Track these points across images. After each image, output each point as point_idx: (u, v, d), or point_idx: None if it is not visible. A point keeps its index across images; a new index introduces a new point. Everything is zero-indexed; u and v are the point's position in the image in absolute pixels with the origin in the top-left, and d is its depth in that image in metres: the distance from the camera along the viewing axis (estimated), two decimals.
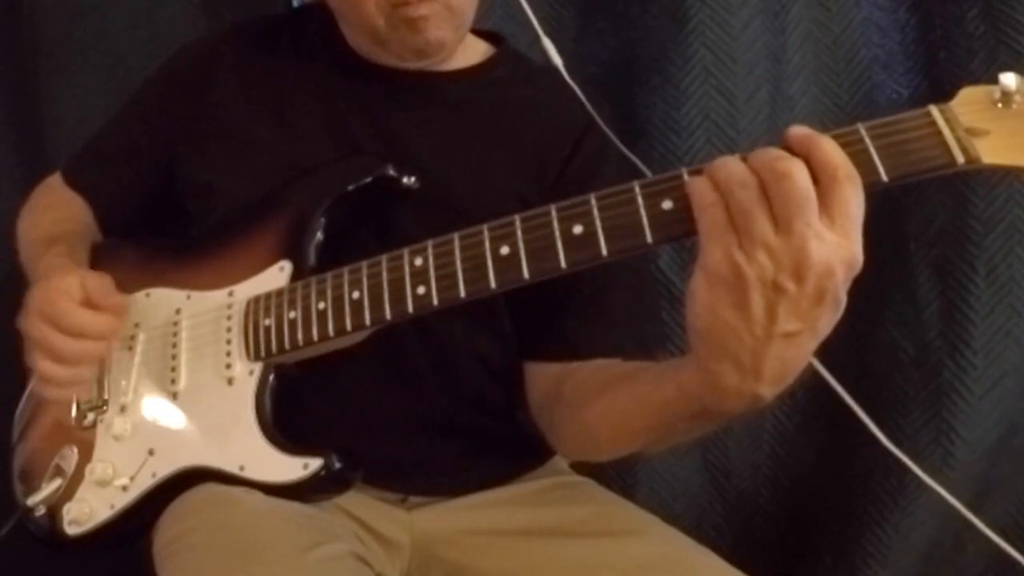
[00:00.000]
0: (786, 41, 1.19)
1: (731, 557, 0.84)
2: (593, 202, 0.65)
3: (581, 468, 1.04)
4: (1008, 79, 0.58)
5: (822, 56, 1.21)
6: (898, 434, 1.16)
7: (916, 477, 1.15)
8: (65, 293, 0.85)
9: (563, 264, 0.66)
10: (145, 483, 0.86)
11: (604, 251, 0.64)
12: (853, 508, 1.21)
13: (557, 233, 0.66)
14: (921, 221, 1.16)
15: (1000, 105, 0.59)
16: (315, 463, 0.79)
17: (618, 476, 1.23)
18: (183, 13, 1.29)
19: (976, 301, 1.13)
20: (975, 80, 0.61)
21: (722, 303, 0.57)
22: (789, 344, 0.57)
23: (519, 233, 0.68)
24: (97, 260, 1.01)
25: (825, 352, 0.63)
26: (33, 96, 1.32)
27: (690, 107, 1.17)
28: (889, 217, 1.18)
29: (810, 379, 1.22)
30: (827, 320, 0.58)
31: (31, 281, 0.97)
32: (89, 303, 0.86)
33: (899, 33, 1.20)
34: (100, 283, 0.87)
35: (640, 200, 0.62)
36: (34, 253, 0.99)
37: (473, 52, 0.99)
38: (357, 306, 0.78)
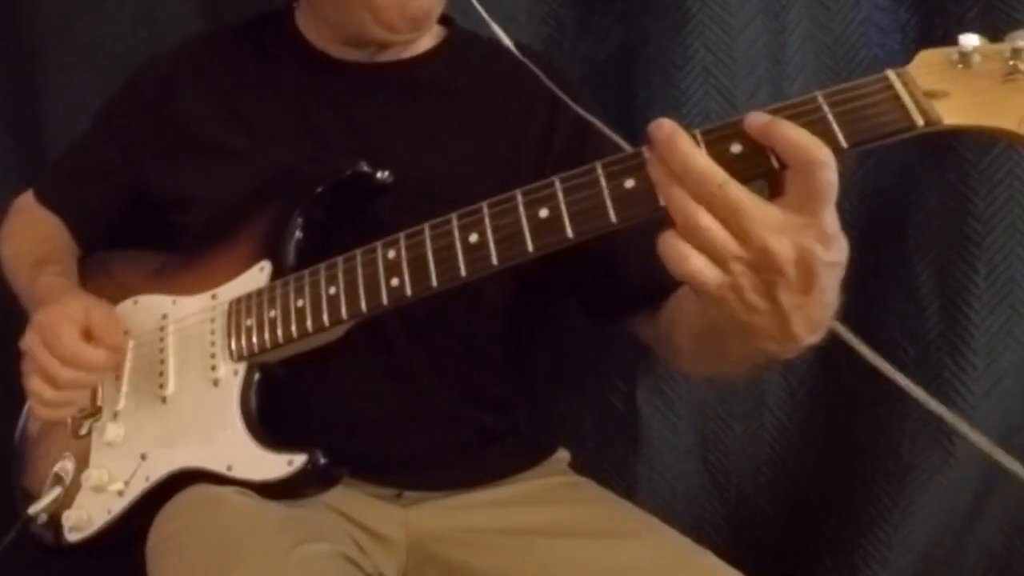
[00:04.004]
0: (786, 41, 1.19)
1: (731, 557, 0.85)
2: (557, 184, 0.65)
3: (581, 468, 1.04)
4: (966, 39, 0.58)
5: (822, 56, 1.20)
6: (898, 434, 1.16)
7: (917, 477, 1.15)
8: (68, 320, 0.87)
9: (530, 249, 0.67)
10: (139, 487, 0.87)
11: (570, 234, 0.65)
12: (853, 509, 1.21)
13: (524, 218, 0.67)
14: (921, 221, 1.16)
15: (960, 66, 0.58)
16: (299, 459, 0.80)
17: (618, 476, 1.23)
18: (183, 13, 1.29)
19: (976, 301, 1.12)
20: None
21: (727, 310, 0.59)
22: (805, 310, 0.59)
23: (487, 220, 0.69)
24: (86, 272, 1.02)
25: (825, 352, 0.64)
26: (33, 96, 1.32)
27: (690, 107, 1.17)
28: (889, 217, 1.18)
29: (811, 379, 1.23)
30: (832, 280, 0.59)
31: (27, 301, 0.98)
32: (89, 334, 0.87)
33: (899, 33, 1.20)
34: (104, 317, 0.89)
35: (603, 180, 0.63)
36: (26, 276, 1.00)
37: (427, 37, 0.99)
38: (334, 301, 0.79)
